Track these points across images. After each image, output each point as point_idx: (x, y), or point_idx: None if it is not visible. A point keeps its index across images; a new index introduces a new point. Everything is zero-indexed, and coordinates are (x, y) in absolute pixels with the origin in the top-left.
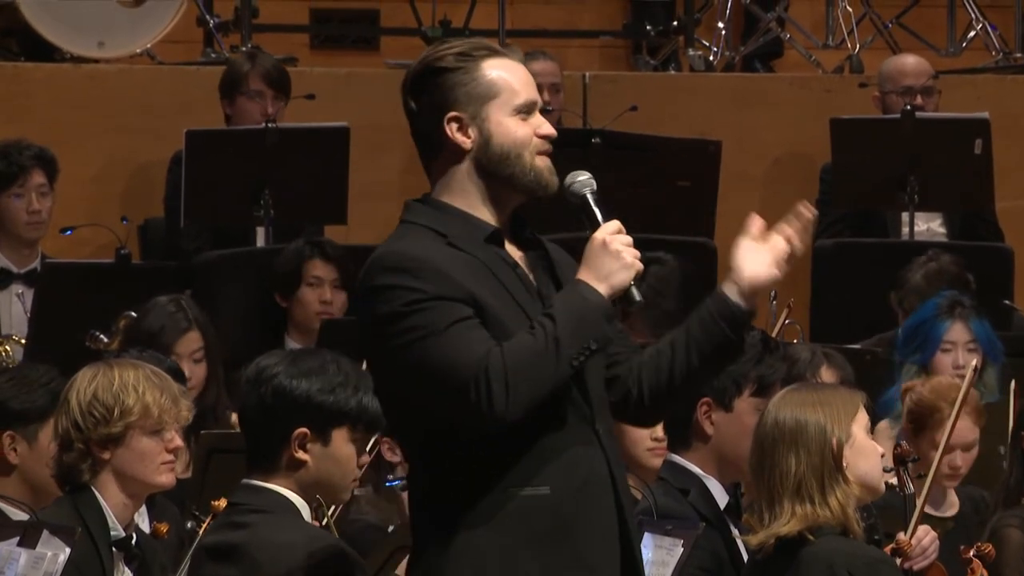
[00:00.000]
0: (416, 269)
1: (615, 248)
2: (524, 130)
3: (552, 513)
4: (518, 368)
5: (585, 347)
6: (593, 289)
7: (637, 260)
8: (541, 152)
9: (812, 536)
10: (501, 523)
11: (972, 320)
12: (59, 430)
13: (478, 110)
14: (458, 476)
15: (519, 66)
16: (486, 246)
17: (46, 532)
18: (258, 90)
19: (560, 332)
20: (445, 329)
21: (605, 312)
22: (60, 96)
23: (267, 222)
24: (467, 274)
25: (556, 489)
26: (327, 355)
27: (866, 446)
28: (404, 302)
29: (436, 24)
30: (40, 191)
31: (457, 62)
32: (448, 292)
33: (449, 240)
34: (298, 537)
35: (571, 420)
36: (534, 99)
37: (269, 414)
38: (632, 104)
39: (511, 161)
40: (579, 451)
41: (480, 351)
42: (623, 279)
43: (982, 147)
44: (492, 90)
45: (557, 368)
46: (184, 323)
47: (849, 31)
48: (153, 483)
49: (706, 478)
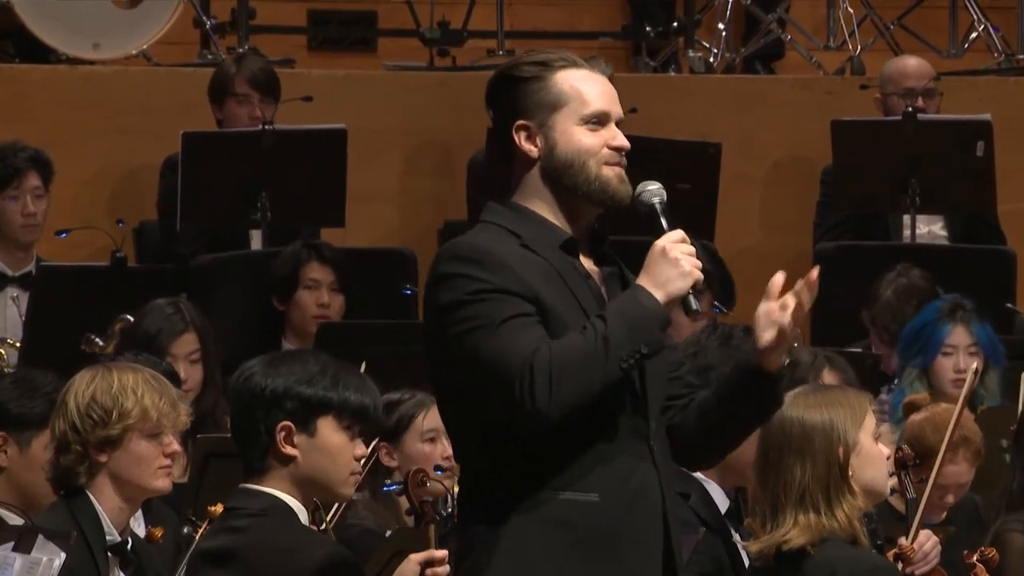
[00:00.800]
0: (484, 261)
1: (674, 256)
2: (591, 140)
3: (599, 520)
4: (564, 365)
5: (636, 350)
6: (649, 294)
7: (697, 270)
8: (610, 163)
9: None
10: (548, 524)
11: (974, 323)
12: (56, 432)
13: (546, 118)
14: (509, 472)
15: (598, 78)
16: (560, 253)
17: (41, 537)
18: (245, 93)
19: (611, 333)
20: (501, 323)
21: (659, 318)
22: (56, 98)
23: (264, 225)
24: (535, 275)
25: (605, 497)
26: (307, 353)
27: (872, 453)
28: (468, 291)
29: (434, 25)
30: (35, 193)
31: (532, 71)
32: (512, 287)
33: (523, 241)
34: (296, 541)
35: (626, 432)
36: (607, 110)
37: (251, 415)
38: (632, 106)
39: (576, 170)
40: (632, 464)
41: (529, 347)
42: (680, 287)
43: (984, 149)
44: (561, 99)
45: (606, 368)
46: (181, 324)
47: (850, 32)
48: (150, 487)
49: (707, 482)
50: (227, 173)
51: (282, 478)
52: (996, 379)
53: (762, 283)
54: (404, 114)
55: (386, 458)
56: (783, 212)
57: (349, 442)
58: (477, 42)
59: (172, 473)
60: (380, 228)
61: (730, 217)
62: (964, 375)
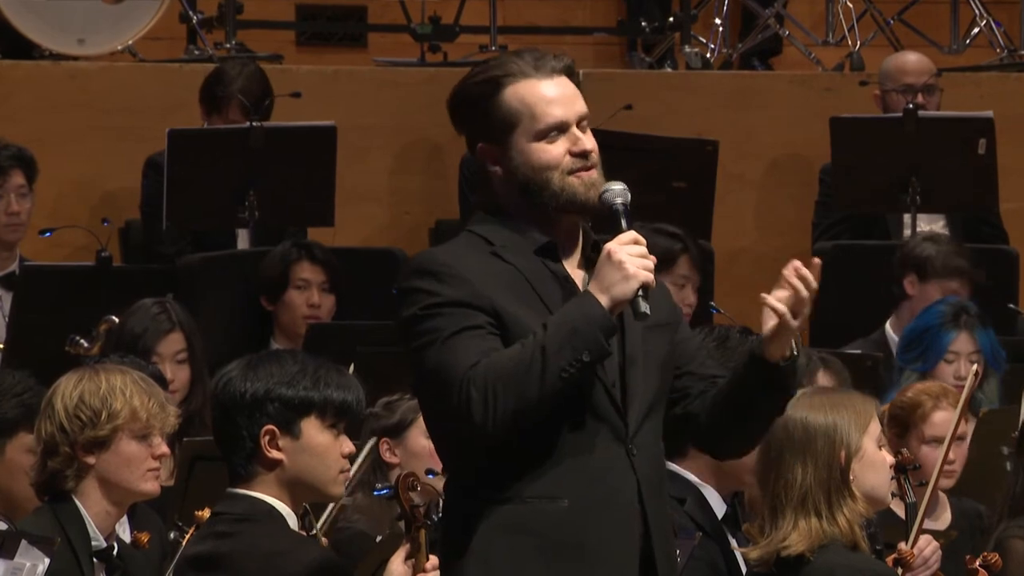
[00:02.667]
0: (441, 273)
1: (618, 259)
2: (549, 154)
3: (568, 527)
4: (498, 379)
5: (577, 359)
6: (593, 300)
7: (645, 271)
8: (575, 170)
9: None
10: (513, 531)
11: (977, 330)
12: (43, 435)
13: (503, 139)
14: (478, 481)
15: (546, 84)
16: (534, 258)
17: (24, 542)
18: (235, 119)
19: (549, 342)
20: (448, 337)
21: (602, 324)
22: (40, 95)
23: (251, 224)
24: (496, 283)
25: (574, 503)
26: (285, 354)
27: (875, 459)
28: (421, 306)
29: (425, 21)
30: (19, 192)
31: (481, 92)
32: (466, 299)
33: (495, 249)
34: (284, 545)
35: (601, 436)
36: (560, 119)
37: (233, 421)
38: (627, 103)
39: (540, 186)
40: (605, 469)
41: (470, 361)
42: (623, 290)
43: (986, 147)
44: (513, 118)
45: (544, 379)
46: (167, 324)
47: (850, 28)
48: (138, 491)
49: (703, 487)
50: (214, 171)
51: (270, 482)
52: (995, 385)
53: (759, 283)
54: (395, 111)
55: (387, 454)
56: (781, 211)
57: (335, 440)
58: (469, 37)
59: (160, 476)
60: (370, 227)
61: (727, 216)
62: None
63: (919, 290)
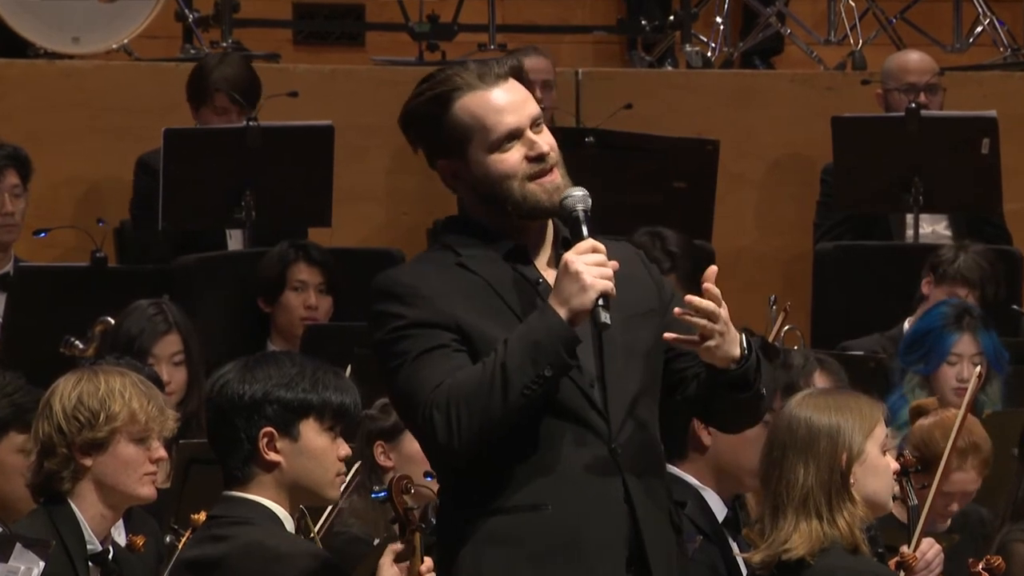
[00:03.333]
0: (404, 295)
1: (574, 269)
2: (505, 164)
3: (554, 532)
4: (460, 399)
5: (539, 375)
6: (554, 313)
7: (603, 280)
8: (533, 175)
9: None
10: (504, 543)
11: (980, 331)
12: (40, 435)
13: (459, 154)
14: (465, 493)
15: (494, 93)
16: (502, 265)
17: (19, 545)
18: (224, 107)
19: (509, 359)
20: (415, 358)
21: (562, 337)
22: (34, 94)
23: (248, 225)
24: (460, 297)
25: (558, 509)
26: (282, 355)
27: (878, 464)
28: (388, 329)
29: (423, 19)
30: (13, 192)
31: (429, 111)
32: (430, 318)
33: (461, 259)
34: (281, 548)
35: (582, 438)
36: (512, 128)
37: (230, 423)
38: (627, 102)
39: (501, 196)
40: (587, 471)
41: (433, 383)
42: (581, 302)
43: (989, 147)
44: (466, 134)
45: (506, 398)
46: (163, 325)
47: (852, 26)
48: (134, 494)
49: (704, 490)
50: (210, 171)
51: (267, 485)
52: (998, 388)
53: (760, 284)
54: (393, 110)
55: (382, 458)
56: (782, 211)
57: (332, 443)
58: (468, 36)
59: (157, 480)
60: (368, 227)
61: (728, 217)
62: (967, 384)
63: (932, 292)
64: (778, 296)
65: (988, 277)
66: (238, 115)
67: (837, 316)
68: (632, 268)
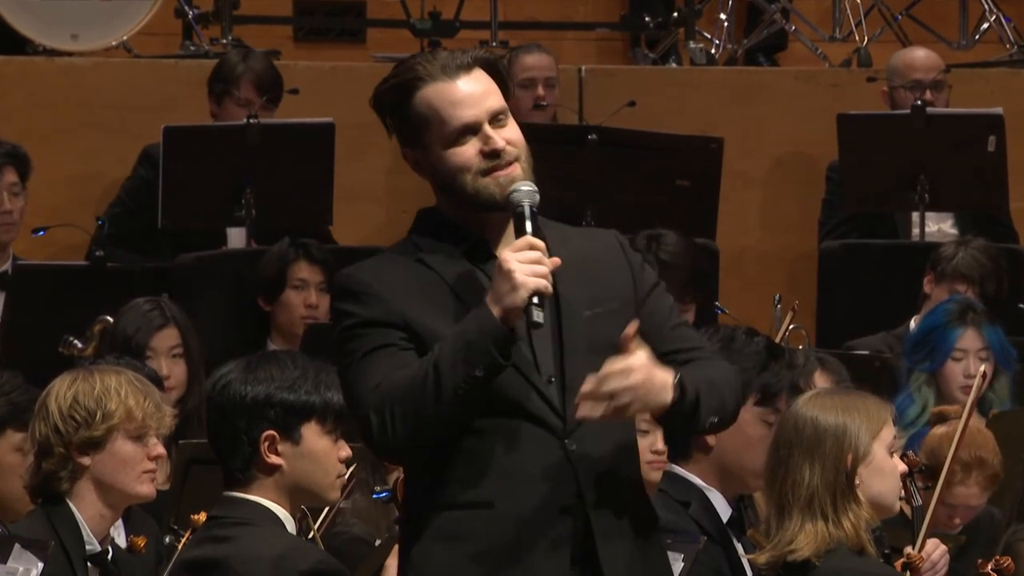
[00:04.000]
0: (358, 292)
1: (507, 268)
2: (460, 158)
3: (500, 533)
4: (394, 400)
5: (470, 375)
6: (487, 313)
7: (536, 278)
8: (486, 170)
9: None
10: (451, 540)
11: (984, 327)
12: (37, 436)
13: (420, 145)
14: (420, 489)
15: (454, 86)
16: (461, 261)
17: (18, 546)
18: (248, 99)
19: (442, 359)
20: (361, 357)
21: (495, 336)
22: (32, 91)
23: (248, 223)
24: (414, 294)
25: (505, 508)
26: (283, 355)
27: (884, 466)
28: (341, 327)
29: (425, 16)
30: (12, 190)
31: (391, 98)
32: (380, 317)
33: (421, 255)
34: (283, 549)
35: (533, 435)
36: (467, 122)
37: (232, 424)
38: (630, 99)
39: (456, 189)
40: (536, 469)
41: (374, 382)
42: (513, 300)
43: (996, 144)
44: (424, 125)
45: (439, 398)
46: (160, 319)
47: (857, 23)
48: (133, 493)
49: (708, 490)
50: (210, 169)
51: (268, 487)
52: (1007, 384)
53: (764, 283)
54: None
55: None
56: (787, 209)
57: (333, 445)
58: (470, 33)
59: (157, 479)
60: (368, 226)
61: (732, 215)
62: (972, 380)
63: (934, 290)
64: (783, 295)
65: (989, 273)
66: (262, 108)
67: (842, 315)
68: (609, 259)
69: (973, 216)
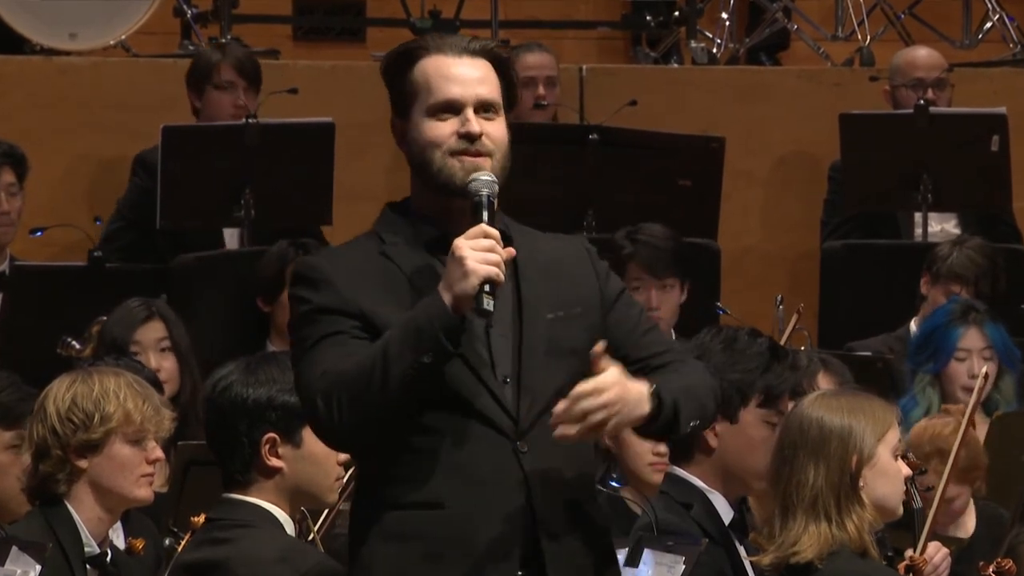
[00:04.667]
0: (314, 279)
1: (459, 255)
2: (436, 131)
3: (447, 533)
4: (341, 386)
5: (418, 361)
6: (438, 300)
7: (486, 265)
8: (457, 152)
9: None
10: (398, 539)
11: (987, 326)
12: (35, 438)
13: (407, 114)
14: (368, 486)
15: (451, 61)
16: (422, 254)
17: (15, 548)
18: (229, 80)
19: (389, 347)
20: (313, 344)
21: (443, 323)
22: (30, 90)
23: (247, 223)
24: (372, 286)
25: (452, 507)
26: (283, 357)
27: (889, 469)
28: (296, 313)
29: (425, 15)
30: (9, 191)
31: (394, 65)
32: (333, 304)
33: (384, 248)
34: (282, 551)
35: (483, 435)
36: (453, 98)
37: (232, 427)
38: (631, 99)
39: (424, 163)
40: (484, 469)
41: (321, 369)
42: (464, 287)
43: (999, 144)
44: (415, 92)
45: (385, 384)
46: (143, 312)
47: (859, 22)
48: (131, 496)
49: (710, 492)
50: (209, 169)
51: (267, 489)
52: (1012, 384)
53: (766, 283)
54: None
55: None
56: (788, 210)
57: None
58: (470, 32)
59: (155, 481)
60: (368, 226)
61: (733, 215)
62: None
63: (929, 291)
64: (784, 295)
65: (984, 272)
66: (244, 91)
67: (845, 316)
68: (575, 264)
69: (976, 216)
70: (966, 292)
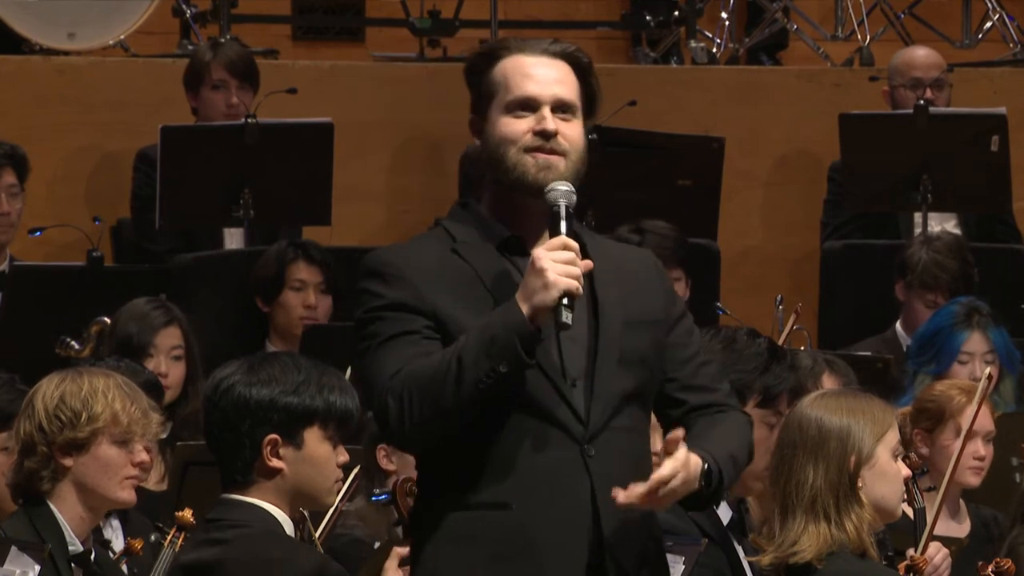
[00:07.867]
0: (386, 274)
1: (540, 266)
2: (512, 127)
3: (515, 532)
4: (414, 388)
5: (493, 370)
6: (516, 309)
7: (567, 278)
8: (531, 149)
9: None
10: (464, 541)
11: (990, 329)
12: (21, 434)
13: (486, 111)
14: (434, 488)
15: (530, 60)
16: (495, 255)
17: (15, 548)
18: (221, 79)
19: (465, 352)
20: (384, 341)
21: (521, 333)
22: (29, 90)
23: (246, 223)
24: (445, 284)
25: (520, 509)
26: (285, 357)
27: (888, 470)
28: (366, 308)
29: (425, 15)
30: (10, 192)
31: (475, 64)
32: (407, 301)
33: (455, 245)
34: (282, 552)
35: (553, 437)
36: (531, 95)
37: (234, 427)
38: (631, 99)
39: (498, 159)
40: (553, 472)
41: (394, 368)
42: (543, 299)
43: (999, 144)
44: (495, 89)
45: (459, 390)
46: (164, 318)
47: (859, 22)
48: (113, 498)
49: None
50: (208, 168)
51: (267, 490)
52: (1011, 386)
53: (767, 284)
54: (393, 107)
55: (384, 461)
56: (789, 210)
57: (333, 450)
58: (469, 32)
59: (140, 482)
60: (368, 226)
61: (733, 215)
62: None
63: (907, 298)
64: (784, 296)
65: (955, 275)
66: (236, 90)
67: (845, 316)
68: (647, 276)
69: (976, 216)
70: (942, 298)
